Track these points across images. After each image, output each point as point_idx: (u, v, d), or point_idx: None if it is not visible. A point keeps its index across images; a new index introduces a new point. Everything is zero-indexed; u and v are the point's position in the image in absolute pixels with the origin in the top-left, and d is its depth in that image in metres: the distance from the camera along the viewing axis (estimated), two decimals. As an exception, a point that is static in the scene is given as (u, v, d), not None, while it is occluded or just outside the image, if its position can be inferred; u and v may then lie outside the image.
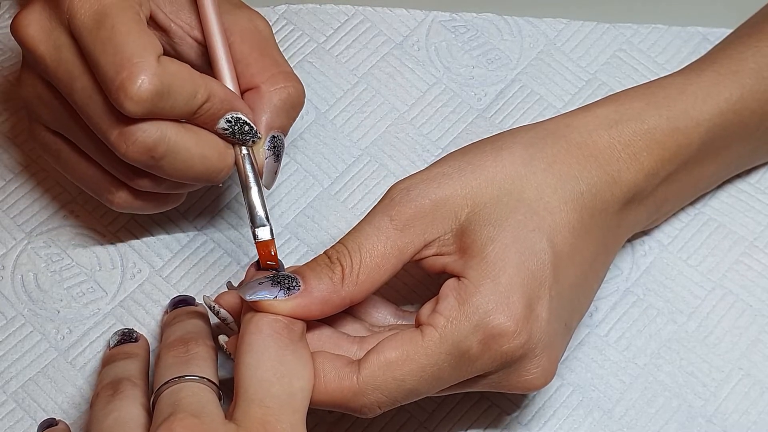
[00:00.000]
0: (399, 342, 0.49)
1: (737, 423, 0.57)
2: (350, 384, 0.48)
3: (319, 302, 0.49)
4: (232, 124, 0.52)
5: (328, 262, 0.50)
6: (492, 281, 0.49)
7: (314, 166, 0.63)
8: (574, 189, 0.51)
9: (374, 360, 0.48)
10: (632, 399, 0.57)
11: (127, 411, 0.49)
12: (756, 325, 0.59)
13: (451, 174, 0.51)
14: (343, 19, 0.67)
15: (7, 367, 0.57)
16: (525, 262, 0.49)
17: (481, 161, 0.51)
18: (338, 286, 0.49)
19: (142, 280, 0.59)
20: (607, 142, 0.53)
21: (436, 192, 0.50)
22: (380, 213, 0.50)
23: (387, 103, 0.65)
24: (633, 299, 0.60)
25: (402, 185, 0.51)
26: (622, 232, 0.55)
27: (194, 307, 0.57)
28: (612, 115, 0.53)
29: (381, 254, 0.50)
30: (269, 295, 0.49)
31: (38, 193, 0.62)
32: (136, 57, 0.49)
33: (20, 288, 0.59)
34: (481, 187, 0.50)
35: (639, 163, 0.53)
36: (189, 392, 0.48)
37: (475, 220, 0.50)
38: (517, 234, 0.49)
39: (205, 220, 0.61)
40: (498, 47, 0.66)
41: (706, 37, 0.66)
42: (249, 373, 0.47)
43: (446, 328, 0.48)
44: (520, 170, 0.51)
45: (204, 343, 0.52)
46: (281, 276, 0.49)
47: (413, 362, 0.48)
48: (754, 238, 0.61)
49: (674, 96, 0.55)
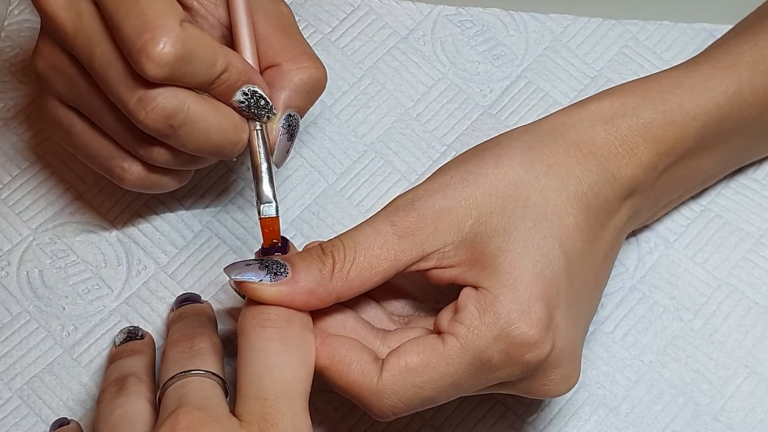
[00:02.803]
0: (420, 348, 0.48)
1: (743, 421, 0.57)
2: (371, 383, 0.48)
3: (304, 293, 0.49)
4: (248, 97, 0.52)
5: (320, 253, 0.49)
6: (510, 290, 0.48)
7: (320, 162, 0.63)
8: (577, 190, 0.51)
9: (395, 364, 0.48)
10: (638, 396, 0.57)
11: (133, 406, 0.49)
12: (762, 322, 0.59)
13: (453, 184, 0.50)
14: (348, 10, 0.67)
15: (12, 363, 0.57)
16: (541, 271, 0.48)
17: (482, 169, 0.50)
18: (326, 280, 0.49)
19: (147, 277, 0.59)
20: (604, 138, 0.52)
21: (439, 203, 0.50)
22: (382, 217, 0.50)
23: (392, 98, 0.65)
24: (639, 296, 0.59)
25: (407, 196, 0.50)
26: (625, 227, 0.55)
27: (200, 304, 0.57)
28: (607, 110, 0.53)
29: (375, 256, 0.49)
30: (255, 278, 0.48)
31: (44, 189, 0.61)
32: (159, 20, 0.48)
33: (26, 284, 0.59)
34: (484, 196, 0.50)
35: (637, 158, 0.53)
36: (194, 386, 0.48)
37: (481, 230, 0.49)
38: (528, 242, 0.49)
39: (210, 216, 0.61)
40: (504, 43, 0.66)
41: (712, 34, 0.66)
42: (242, 369, 0.47)
43: (467, 337, 0.48)
44: (522, 175, 0.50)
45: (209, 339, 0.52)
46: (270, 261, 0.49)
47: (434, 370, 0.48)
48: (760, 235, 0.61)
49: (670, 89, 0.54)
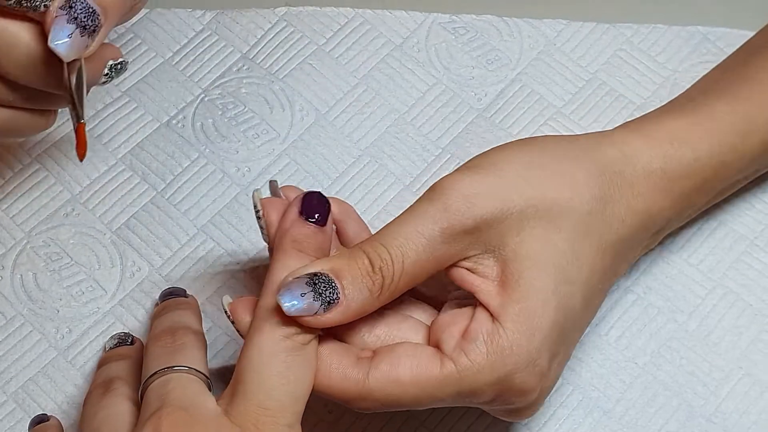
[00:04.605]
0: (415, 363, 0.47)
1: (737, 422, 0.56)
2: (355, 387, 0.47)
3: (353, 314, 0.47)
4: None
5: (369, 270, 0.47)
6: (527, 340, 0.46)
7: (314, 167, 0.63)
8: (618, 236, 0.50)
9: (386, 372, 0.47)
10: (632, 399, 0.57)
11: (116, 407, 0.49)
12: (756, 324, 0.59)
13: (512, 197, 0.48)
14: (343, 22, 0.67)
15: (7, 367, 0.57)
16: (559, 320, 0.47)
17: (544, 192, 0.48)
18: (375, 298, 0.47)
19: (141, 279, 0.59)
20: (660, 177, 0.51)
21: (493, 211, 0.47)
22: (431, 220, 0.47)
23: (387, 104, 0.65)
24: (633, 298, 0.59)
25: (459, 191, 0.47)
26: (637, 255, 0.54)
27: (184, 298, 0.57)
28: (667, 148, 0.52)
29: (423, 266, 0.47)
30: (309, 311, 0.46)
31: (38, 192, 0.61)
32: None
33: (20, 287, 0.59)
34: (536, 222, 0.48)
35: (684, 201, 0.52)
36: (177, 384, 0.48)
37: (521, 252, 0.47)
38: (558, 286, 0.47)
39: (205, 219, 0.61)
40: (498, 48, 0.66)
41: (706, 37, 0.66)
42: (253, 373, 0.46)
43: (467, 371, 0.46)
44: (582, 215, 0.48)
45: (192, 333, 0.52)
46: (320, 281, 0.46)
47: (423, 390, 0.47)
48: (754, 237, 0.61)
49: (725, 130, 0.53)
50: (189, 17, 0.67)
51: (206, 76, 0.65)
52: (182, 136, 0.63)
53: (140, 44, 0.66)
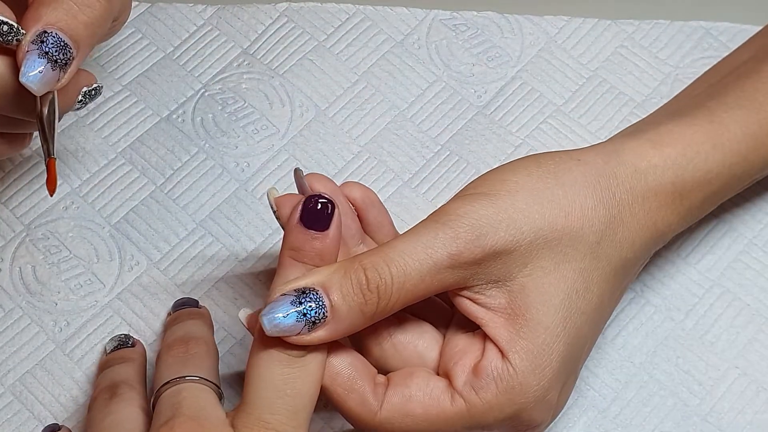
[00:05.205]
0: (427, 398, 0.47)
1: (733, 422, 0.56)
2: (368, 415, 0.47)
3: (341, 334, 0.46)
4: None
5: (364, 286, 0.46)
6: (537, 378, 0.46)
7: (314, 163, 0.63)
8: (627, 257, 0.49)
9: (398, 406, 0.47)
10: (627, 398, 0.57)
11: (124, 413, 0.49)
12: (753, 324, 0.59)
13: (522, 228, 0.47)
14: (344, 18, 0.67)
15: (5, 359, 0.57)
16: (567, 354, 0.47)
17: (554, 223, 0.47)
18: (367, 317, 0.46)
19: (139, 272, 0.60)
20: (670, 192, 0.51)
21: (503, 243, 0.46)
22: (441, 245, 0.46)
23: (387, 100, 0.65)
24: (630, 296, 0.59)
25: (469, 219, 0.46)
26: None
27: (197, 308, 0.57)
28: (680, 160, 0.51)
29: (424, 289, 0.46)
30: (291, 332, 0.45)
31: (37, 184, 0.62)
32: None
33: (18, 280, 0.59)
34: (546, 252, 0.47)
35: (693, 213, 0.52)
36: (189, 393, 0.48)
37: (530, 287, 0.47)
38: (568, 318, 0.47)
39: (203, 214, 0.61)
40: (498, 45, 0.66)
41: (708, 32, 0.66)
42: (252, 386, 0.46)
43: (477, 409, 0.46)
44: (592, 246, 0.48)
45: (204, 343, 0.52)
46: (308, 305, 0.45)
47: (433, 424, 0.47)
48: (753, 236, 0.61)
49: (738, 140, 0.53)
50: (190, 12, 0.67)
51: (207, 71, 0.65)
52: (182, 131, 0.63)
53: (141, 38, 0.66)
